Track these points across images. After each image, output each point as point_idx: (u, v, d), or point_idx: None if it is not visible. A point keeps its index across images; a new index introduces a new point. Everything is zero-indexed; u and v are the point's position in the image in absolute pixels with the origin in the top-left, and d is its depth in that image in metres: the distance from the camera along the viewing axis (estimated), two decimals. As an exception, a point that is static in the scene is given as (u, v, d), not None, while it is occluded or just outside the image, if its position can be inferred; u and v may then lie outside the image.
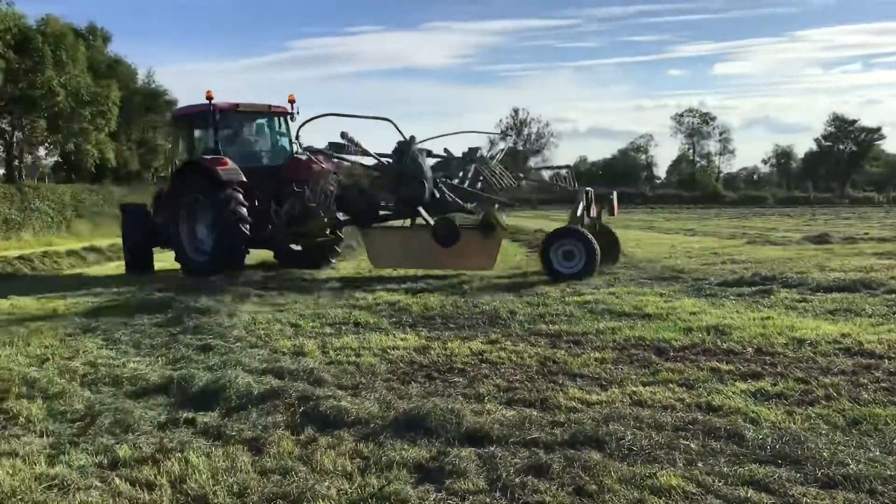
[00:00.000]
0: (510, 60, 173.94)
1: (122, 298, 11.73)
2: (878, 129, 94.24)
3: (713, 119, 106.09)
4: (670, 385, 5.91)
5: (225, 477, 4.18)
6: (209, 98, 15.18)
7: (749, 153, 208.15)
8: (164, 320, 9.38)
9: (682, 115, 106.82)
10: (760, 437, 4.56)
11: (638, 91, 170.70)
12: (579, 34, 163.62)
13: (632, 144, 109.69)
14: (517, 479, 4.03)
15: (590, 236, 12.80)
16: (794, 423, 4.86)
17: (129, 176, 48.84)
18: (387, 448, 4.59)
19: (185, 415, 5.35)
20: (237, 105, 15.63)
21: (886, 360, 6.38)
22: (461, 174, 14.63)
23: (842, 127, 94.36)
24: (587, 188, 14.08)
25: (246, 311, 9.96)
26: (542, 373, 6.42)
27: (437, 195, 13.86)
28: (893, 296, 9.54)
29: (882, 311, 8.58)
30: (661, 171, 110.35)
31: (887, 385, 5.68)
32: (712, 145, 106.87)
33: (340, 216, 14.80)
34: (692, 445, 4.48)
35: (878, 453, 4.28)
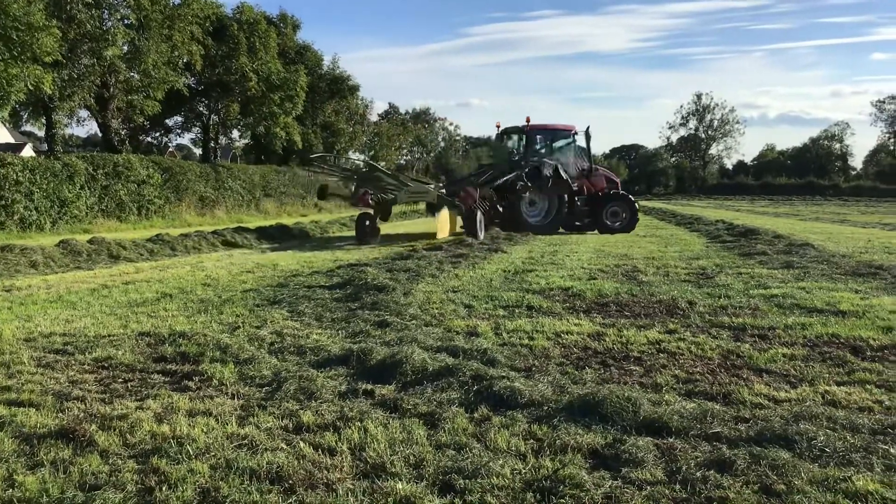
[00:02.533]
0: (696, 44, 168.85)
1: (306, 273, 12.29)
2: None
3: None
4: (867, 386, 5.49)
5: (402, 448, 4.26)
6: (527, 120, 23.77)
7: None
8: (343, 295, 9.72)
9: (883, 102, 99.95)
10: (973, 446, 4.14)
11: (836, 76, 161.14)
12: (772, 15, 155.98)
13: (825, 133, 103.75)
14: (698, 473, 3.86)
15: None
16: None
17: (313, 158, 51.14)
18: (561, 432, 4.52)
19: (363, 386, 5.50)
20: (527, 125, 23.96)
21: None
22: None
23: None
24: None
25: (420, 290, 10.16)
26: (724, 366, 6.14)
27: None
28: None
29: None
30: (857, 162, 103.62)
31: None
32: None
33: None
34: (892, 450, 4.13)
35: None
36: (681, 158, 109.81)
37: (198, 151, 52.31)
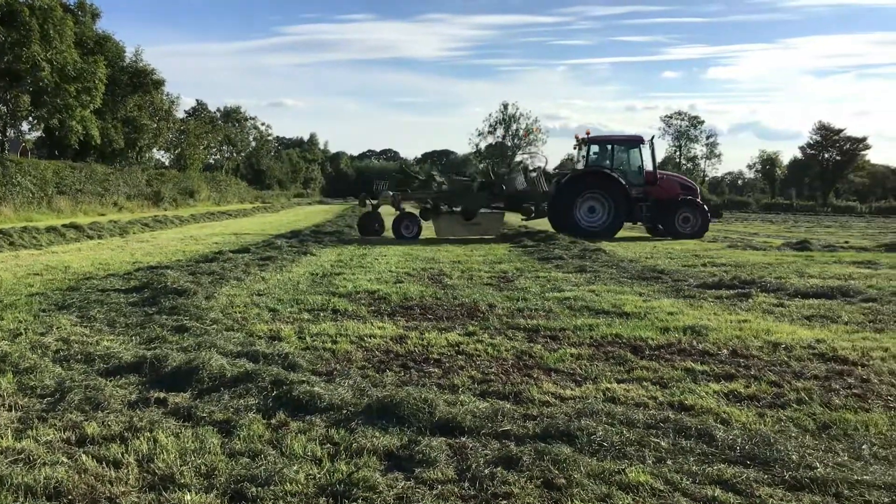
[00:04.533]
0: (504, 55, 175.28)
1: (100, 276, 11.65)
2: (864, 139, 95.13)
3: (701, 123, 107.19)
4: (644, 383, 5.92)
5: (193, 458, 4.15)
6: (587, 133, 25.61)
7: (735, 158, 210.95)
8: (140, 300, 9.31)
9: (670, 118, 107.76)
10: (731, 437, 4.56)
11: (631, 91, 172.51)
12: (573, 31, 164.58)
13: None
14: (486, 471, 4.02)
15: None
16: (765, 426, 4.88)
17: (113, 154, 48.40)
18: (358, 435, 4.56)
19: (156, 395, 5.31)
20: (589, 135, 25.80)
21: (859, 367, 6.42)
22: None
23: (827, 136, 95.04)
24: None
25: (224, 293, 9.91)
26: (517, 366, 6.42)
27: None
28: (870, 304, 9.61)
29: (858, 319, 8.61)
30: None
31: (859, 391, 5.70)
32: (699, 149, 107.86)
33: None
34: (662, 443, 4.47)
35: (845, 458, 4.28)
36: (489, 165, 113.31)
37: (-18, 144, 48.02)
